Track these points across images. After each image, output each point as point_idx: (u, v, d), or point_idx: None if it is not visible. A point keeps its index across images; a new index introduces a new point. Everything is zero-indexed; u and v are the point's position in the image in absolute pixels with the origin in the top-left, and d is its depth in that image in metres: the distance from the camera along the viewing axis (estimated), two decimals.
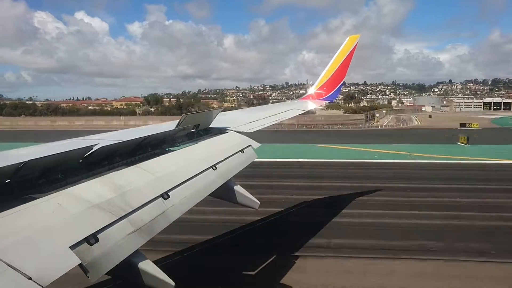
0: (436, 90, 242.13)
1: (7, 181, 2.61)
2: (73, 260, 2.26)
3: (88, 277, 2.34)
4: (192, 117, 5.11)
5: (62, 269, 2.15)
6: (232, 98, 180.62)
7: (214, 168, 4.43)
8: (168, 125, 5.43)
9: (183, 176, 3.87)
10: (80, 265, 2.30)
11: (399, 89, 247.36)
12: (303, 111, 9.66)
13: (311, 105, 10.52)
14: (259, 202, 5.18)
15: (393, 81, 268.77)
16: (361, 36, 10.74)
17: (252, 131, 6.39)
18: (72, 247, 2.32)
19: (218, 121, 6.01)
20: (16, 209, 2.40)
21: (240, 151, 5.37)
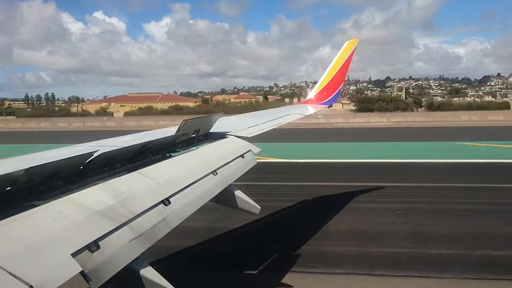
0: (492, 83, 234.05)
1: (8, 188, 2.61)
2: (75, 268, 2.25)
3: (89, 285, 2.33)
4: (192, 122, 5.13)
5: (63, 277, 2.15)
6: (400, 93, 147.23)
7: (214, 173, 4.43)
8: (169, 130, 5.44)
9: (184, 182, 3.87)
10: (82, 272, 2.29)
11: (452, 84, 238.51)
12: (303, 116, 9.69)
13: (311, 109, 10.56)
14: (259, 207, 5.18)
15: (440, 75, 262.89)
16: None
17: (251, 135, 6.40)
18: (74, 255, 2.31)
19: (218, 126, 6.02)
20: (17, 217, 2.39)
21: (240, 156, 5.38)
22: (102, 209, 2.83)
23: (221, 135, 5.95)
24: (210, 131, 5.83)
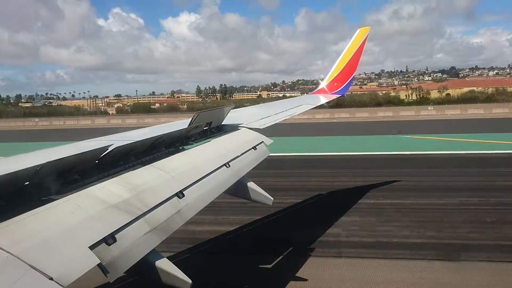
0: None
1: (26, 183, 2.67)
2: (93, 260, 2.30)
3: (107, 277, 2.38)
4: (204, 115, 5.15)
5: (82, 269, 2.20)
6: None
7: (227, 166, 4.45)
8: (181, 123, 5.47)
9: (197, 175, 3.90)
10: (99, 264, 2.34)
11: None
12: (315, 106, 9.62)
13: (322, 99, 10.46)
14: (272, 199, 5.19)
15: (508, 65, 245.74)
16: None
17: (263, 127, 6.39)
18: (91, 247, 2.36)
19: (230, 118, 6.03)
20: (36, 211, 2.45)
21: (252, 148, 5.39)
22: (118, 203, 2.88)
23: (234, 127, 5.96)
24: (222, 123, 5.85)
